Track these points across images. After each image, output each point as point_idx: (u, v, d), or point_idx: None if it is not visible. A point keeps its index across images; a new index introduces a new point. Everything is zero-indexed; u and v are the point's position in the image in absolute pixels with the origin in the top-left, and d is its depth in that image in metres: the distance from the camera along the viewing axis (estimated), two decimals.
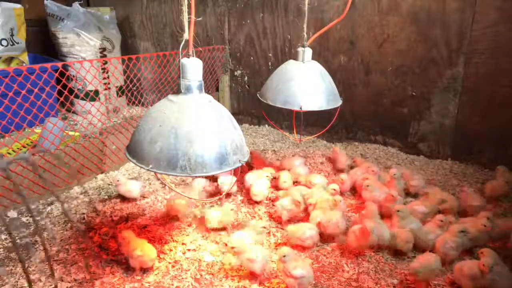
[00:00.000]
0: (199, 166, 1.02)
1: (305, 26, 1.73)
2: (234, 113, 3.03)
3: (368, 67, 2.48)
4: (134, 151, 1.10)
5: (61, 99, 1.92)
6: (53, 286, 1.28)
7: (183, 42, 1.02)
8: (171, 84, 2.58)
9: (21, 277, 1.35)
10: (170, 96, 1.10)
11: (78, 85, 2.72)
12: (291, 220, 1.67)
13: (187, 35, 1.04)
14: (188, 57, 1.08)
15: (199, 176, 1.11)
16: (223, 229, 1.62)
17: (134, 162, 1.08)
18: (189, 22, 1.04)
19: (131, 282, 1.34)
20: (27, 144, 2.13)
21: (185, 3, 0.99)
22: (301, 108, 1.67)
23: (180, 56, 1.06)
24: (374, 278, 1.39)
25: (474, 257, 1.48)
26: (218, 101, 3.07)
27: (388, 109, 2.49)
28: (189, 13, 1.02)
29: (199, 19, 1.00)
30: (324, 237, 1.59)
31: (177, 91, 1.11)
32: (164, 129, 1.03)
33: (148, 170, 1.04)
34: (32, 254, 1.48)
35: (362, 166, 2.04)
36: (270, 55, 2.80)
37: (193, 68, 1.07)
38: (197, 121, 1.04)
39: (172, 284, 1.34)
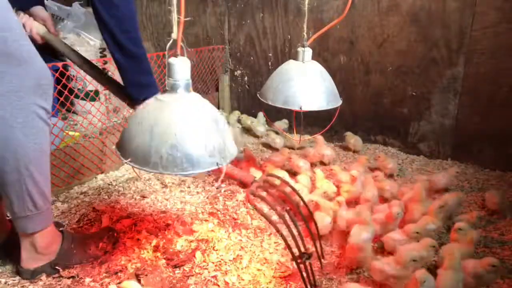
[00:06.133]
0: (171, 165, 1.02)
1: (305, 26, 1.73)
2: None
3: (368, 67, 2.48)
4: (119, 144, 1.14)
5: (61, 99, 1.92)
6: None
7: (170, 42, 1.02)
8: None
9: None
10: (158, 95, 1.10)
11: (78, 85, 2.72)
12: None
13: (175, 34, 1.04)
14: (176, 57, 1.07)
15: (170, 174, 1.12)
16: None
17: (117, 154, 1.11)
18: (178, 22, 1.03)
19: None
20: None
21: (174, 2, 0.99)
22: (301, 108, 1.66)
23: (167, 56, 1.05)
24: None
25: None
26: (218, 101, 3.08)
27: (388, 109, 2.49)
28: (178, 13, 1.01)
29: (188, 19, 0.98)
30: None
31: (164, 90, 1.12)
32: (142, 126, 1.05)
33: (126, 163, 1.06)
34: None
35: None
36: (270, 55, 2.80)
37: (179, 67, 1.06)
38: (175, 120, 1.04)
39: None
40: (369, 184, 1.81)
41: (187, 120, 1.04)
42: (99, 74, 1.43)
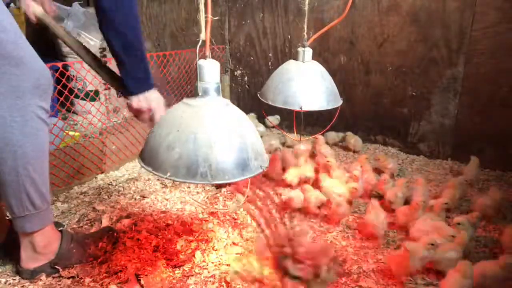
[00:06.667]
0: (221, 173, 0.97)
1: (305, 26, 1.73)
2: None
3: (368, 67, 2.48)
4: (149, 158, 1.04)
5: (61, 99, 1.92)
6: None
7: (199, 43, 0.98)
8: (171, 84, 2.58)
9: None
10: (186, 100, 1.05)
11: (78, 85, 2.72)
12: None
13: (204, 35, 1.00)
14: (205, 59, 1.04)
15: (220, 184, 1.09)
16: None
17: (149, 171, 1.03)
18: (206, 21, 0.99)
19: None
20: None
21: (202, 1, 0.96)
22: (301, 108, 1.66)
23: (197, 58, 1.01)
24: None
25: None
26: None
27: (388, 109, 2.49)
28: (206, 12, 0.98)
29: (216, 18, 0.95)
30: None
31: (194, 94, 1.07)
32: (182, 134, 0.98)
33: (166, 178, 0.99)
34: None
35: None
36: (270, 55, 2.80)
37: (210, 70, 1.03)
38: (217, 125, 1.00)
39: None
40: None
41: (229, 125, 1.01)
42: (95, 61, 1.40)
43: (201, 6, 0.96)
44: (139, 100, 1.29)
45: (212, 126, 0.99)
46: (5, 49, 1.08)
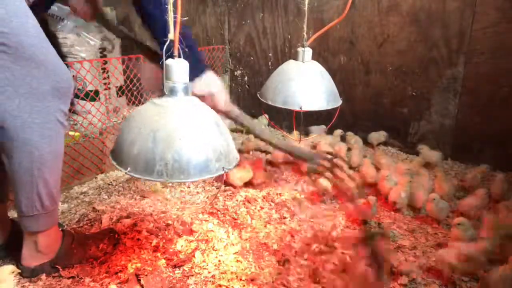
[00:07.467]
0: (177, 172, 0.97)
1: (305, 26, 1.73)
2: None
3: (368, 67, 2.48)
4: (115, 153, 1.08)
5: None
6: None
7: (167, 43, 0.98)
8: None
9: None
10: (154, 99, 1.05)
11: (78, 85, 2.72)
12: None
13: (172, 35, 1.01)
14: (174, 58, 1.03)
15: (177, 182, 1.10)
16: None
17: (114, 165, 1.05)
18: (175, 21, 1.00)
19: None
20: None
21: (170, 1, 0.97)
22: (301, 108, 1.66)
23: (164, 57, 1.01)
24: None
25: None
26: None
27: (388, 109, 2.49)
28: (175, 12, 0.99)
29: (185, 18, 0.95)
30: None
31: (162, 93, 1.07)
32: (143, 132, 1.00)
33: (126, 173, 1.00)
34: None
35: None
36: (270, 55, 2.80)
37: (178, 70, 1.03)
38: (178, 125, 1.00)
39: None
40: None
41: (191, 124, 1.01)
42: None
43: (170, 6, 0.96)
44: (199, 85, 1.34)
45: (173, 125, 0.99)
46: (27, 52, 1.08)
